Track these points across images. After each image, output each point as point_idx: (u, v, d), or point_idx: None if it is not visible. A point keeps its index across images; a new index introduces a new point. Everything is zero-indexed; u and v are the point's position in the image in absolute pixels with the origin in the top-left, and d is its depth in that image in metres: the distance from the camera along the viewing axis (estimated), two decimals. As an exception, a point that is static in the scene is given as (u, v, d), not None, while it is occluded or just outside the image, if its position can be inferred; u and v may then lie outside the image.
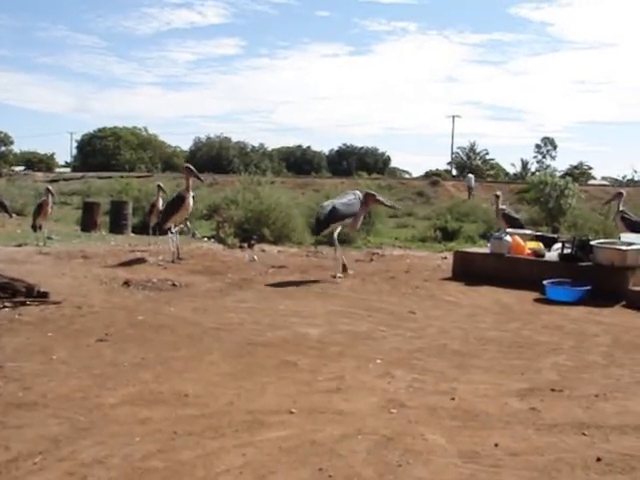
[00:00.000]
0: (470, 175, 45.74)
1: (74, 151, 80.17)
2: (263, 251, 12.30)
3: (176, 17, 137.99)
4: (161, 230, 11.22)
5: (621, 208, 11.15)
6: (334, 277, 9.21)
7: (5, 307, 6.64)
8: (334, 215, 9.24)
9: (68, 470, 3.25)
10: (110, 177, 37.48)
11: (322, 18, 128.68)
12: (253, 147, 78.78)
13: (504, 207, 11.66)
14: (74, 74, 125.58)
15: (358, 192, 9.82)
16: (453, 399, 4.39)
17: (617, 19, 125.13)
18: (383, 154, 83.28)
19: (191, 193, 10.42)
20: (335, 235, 9.39)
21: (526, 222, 19.52)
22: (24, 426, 3.80)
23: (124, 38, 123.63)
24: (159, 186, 13.00)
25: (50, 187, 12.91)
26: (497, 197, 11.74)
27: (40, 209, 12.26)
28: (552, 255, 9.21)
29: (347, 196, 9.65)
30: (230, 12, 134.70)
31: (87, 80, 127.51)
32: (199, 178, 10.74)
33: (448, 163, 72.94)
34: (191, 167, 10.53)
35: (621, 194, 11.42)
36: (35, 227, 12.30)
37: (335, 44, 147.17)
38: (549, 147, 70.91)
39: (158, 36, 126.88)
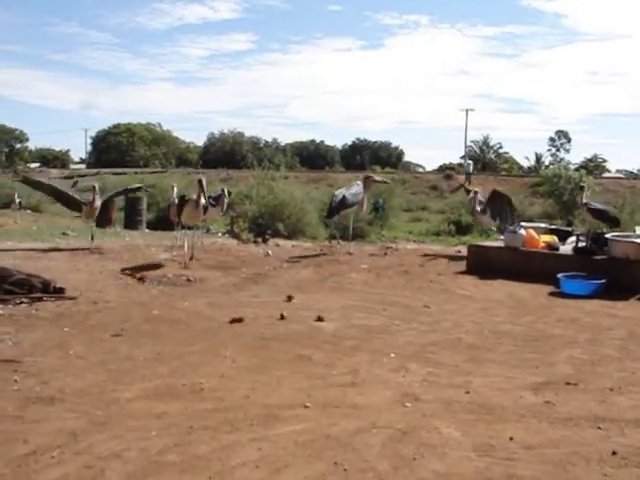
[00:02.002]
0: (469, 161, 45.87)
1: (89, 147, 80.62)
2: (277, 246, 12.32)
3: (188, 12, 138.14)
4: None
5: (584, 200, 11.00)
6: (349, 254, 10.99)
7: (22, 303, 6.70)
8: (344, 203, 10.98)
9: (86, 464, 3.28)
10: (124, 173, 37.58)
11: (334, 12, 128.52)
12: (266, 142, 78.82)
13: (479, 208, 11.39)
14: (87, 71, 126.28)
15: (359, 181, 11.54)
16: (468, 393, 4.39)
17: (631, 10, 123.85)
18: (396, 148, 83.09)
19: (202, 201, 9.81)
20: (350, 225, 11.48)
21: (540, 215, 19.46)
22: (42, 420, 3.84)
23: (136, 34, 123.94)
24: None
25: (96, 185, 11.63)
26: (475, 193, 11.58)
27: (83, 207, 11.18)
28: (566, 248, 9.18)
29: (353, 187, 11.31)
30: (242, 7, 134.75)
31: (100, 76, 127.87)
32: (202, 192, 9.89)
33: (462, 157, 72.50)
34: (202, 182, 9.85)
35: (582, 187, 11.67)
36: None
37: (347, 38, 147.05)
38: (563, 140, 70.39)
39: (170, 32, 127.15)
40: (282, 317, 6.41)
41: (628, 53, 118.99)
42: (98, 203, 11.12)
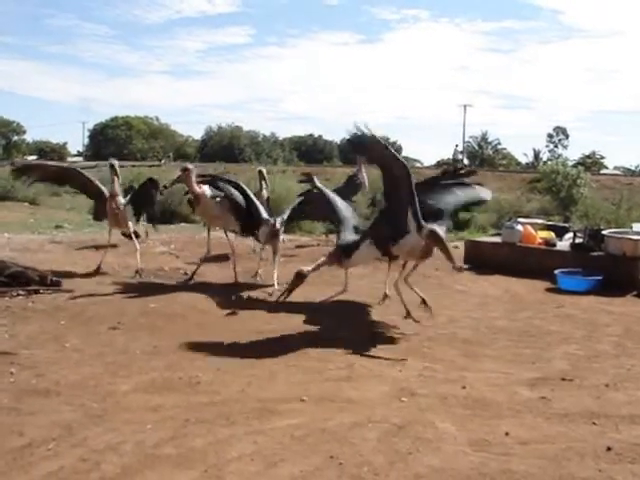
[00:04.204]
0: (458, 148, 46.06)
1: (86, 140, 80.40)
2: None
3: (186, 5, 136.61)
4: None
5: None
6: None
7: (19, 295, 6.70)
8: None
9: (81, 456, 3.29)
10: (122, 166, 37.42)
11: (332, 6, 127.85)
12: (264, 136, 78.57)
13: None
14: (84, 63, 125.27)
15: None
16: (464, 388, 4.40)
17: (627, 7, 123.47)
18: (394, 143, 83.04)
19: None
20: None
21: (538, 212, 19.41)
22: (38, 413, 3.84)
23: (133, 27, 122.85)
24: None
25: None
26: None
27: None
28: (564, 244, 9.18)
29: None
30: (240, 0, 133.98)
31: (97, 69, 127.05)
32: None
33: (460, 152, 72.44)
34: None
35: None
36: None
37: (345, 32, 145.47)
38: (561, 136, 70.27)
39: (168, 25, 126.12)
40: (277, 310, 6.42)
41: (626, 50, 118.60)
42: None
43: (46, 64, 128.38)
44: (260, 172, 10.39)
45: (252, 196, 7.99)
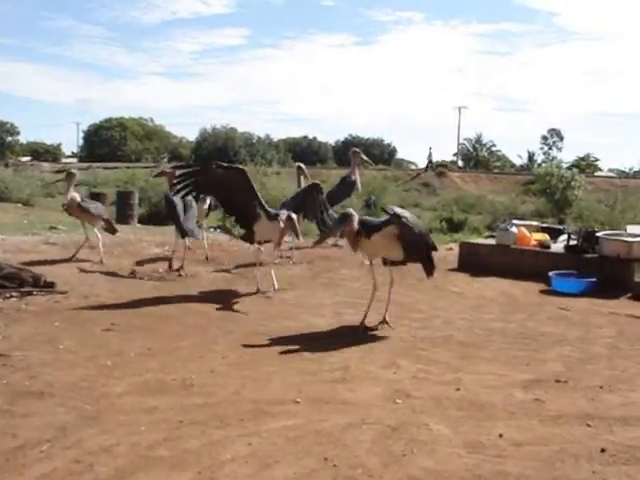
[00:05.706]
0: (430, 151, 46.65)
1: (80, 141, 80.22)
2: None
3: (181, 7, 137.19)
4: None
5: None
6: None
7: (12, 297, 6.67)
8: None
9: (75, 458, 3.28)
10: (116, 167, 37.42)
11: (328, 8, 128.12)
12: (259, 138, 78.42)
13: None
14: (80, 64, 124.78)
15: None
16: (458, 390, 4.40)
17: (623, 9, 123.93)
18: (389, 145, 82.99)
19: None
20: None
21: (532, 214, 19.46)
22: (31, 414, 3.83)
23: (129, 28, 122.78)
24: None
25: None
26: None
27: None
28: (558, 246, 9.20)
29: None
30: (235, 2, 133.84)
31: (93, 70, 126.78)
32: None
33: (454, 154, 72.42)
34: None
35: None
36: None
37: (341, 34, 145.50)
38: (555, 138, 70.33)
39: (163, 26, 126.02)
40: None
41: (621, 52, 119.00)
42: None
43: (42, 65, 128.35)
44: (299, 168, 10.28)
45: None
